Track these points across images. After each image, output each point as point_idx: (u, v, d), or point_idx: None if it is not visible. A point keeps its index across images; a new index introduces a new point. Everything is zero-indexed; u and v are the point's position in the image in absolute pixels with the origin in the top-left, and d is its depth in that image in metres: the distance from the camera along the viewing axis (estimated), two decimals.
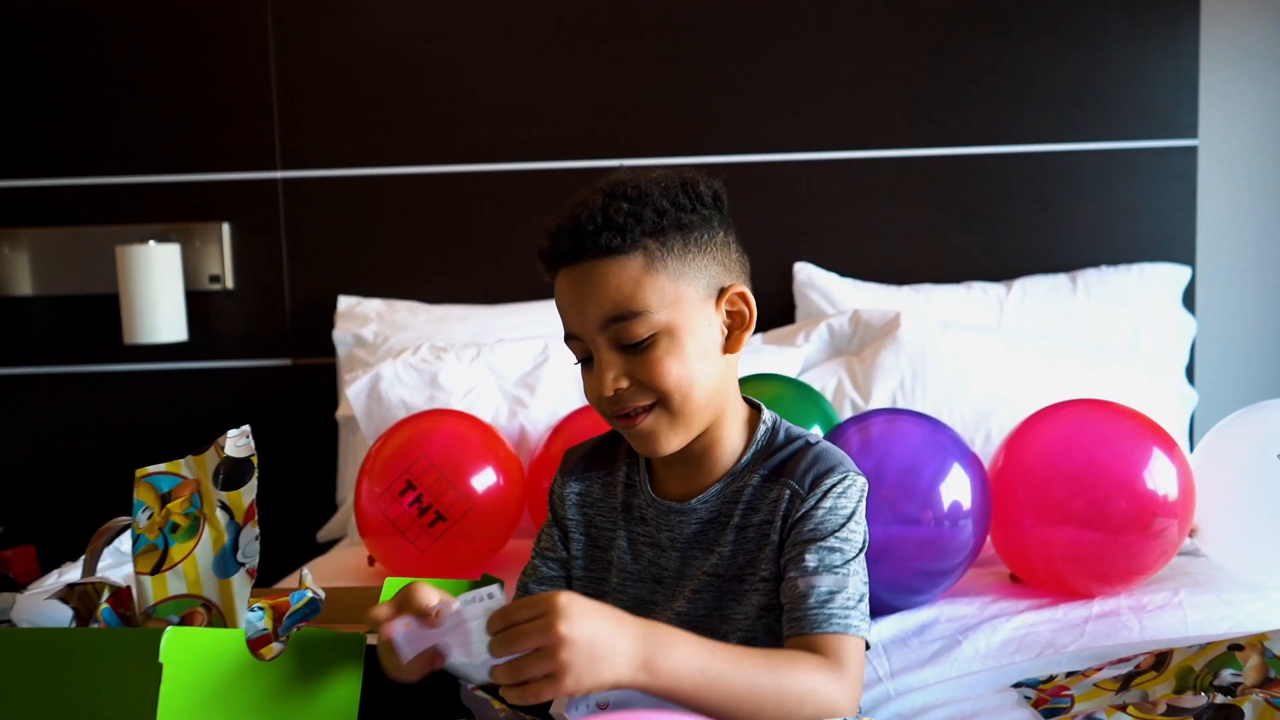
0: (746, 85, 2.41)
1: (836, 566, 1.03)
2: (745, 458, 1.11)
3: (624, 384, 1.04)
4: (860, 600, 1.03)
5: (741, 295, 1.09)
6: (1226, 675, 1.13)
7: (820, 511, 1.05)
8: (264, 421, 2.35)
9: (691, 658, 0.91)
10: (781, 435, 1.13)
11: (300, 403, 2.47)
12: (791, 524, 1.06)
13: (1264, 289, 2.46)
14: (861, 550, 1.06)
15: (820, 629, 1.00)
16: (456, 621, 0.90)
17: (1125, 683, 1.20)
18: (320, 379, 2.47)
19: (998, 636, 1.42)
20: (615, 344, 1.04)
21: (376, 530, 1.66)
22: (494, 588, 0.89)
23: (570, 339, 1.08)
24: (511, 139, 2.44)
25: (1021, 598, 1.56)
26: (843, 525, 1.05)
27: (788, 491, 1.07)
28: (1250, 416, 1.59)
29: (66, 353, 2.50)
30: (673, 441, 1.07)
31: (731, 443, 1.12)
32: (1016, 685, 1.27)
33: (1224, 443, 1.59)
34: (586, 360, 1.08)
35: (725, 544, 1.10)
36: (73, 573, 1.41)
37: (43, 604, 1.11)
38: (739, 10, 2.40)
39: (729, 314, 1.09)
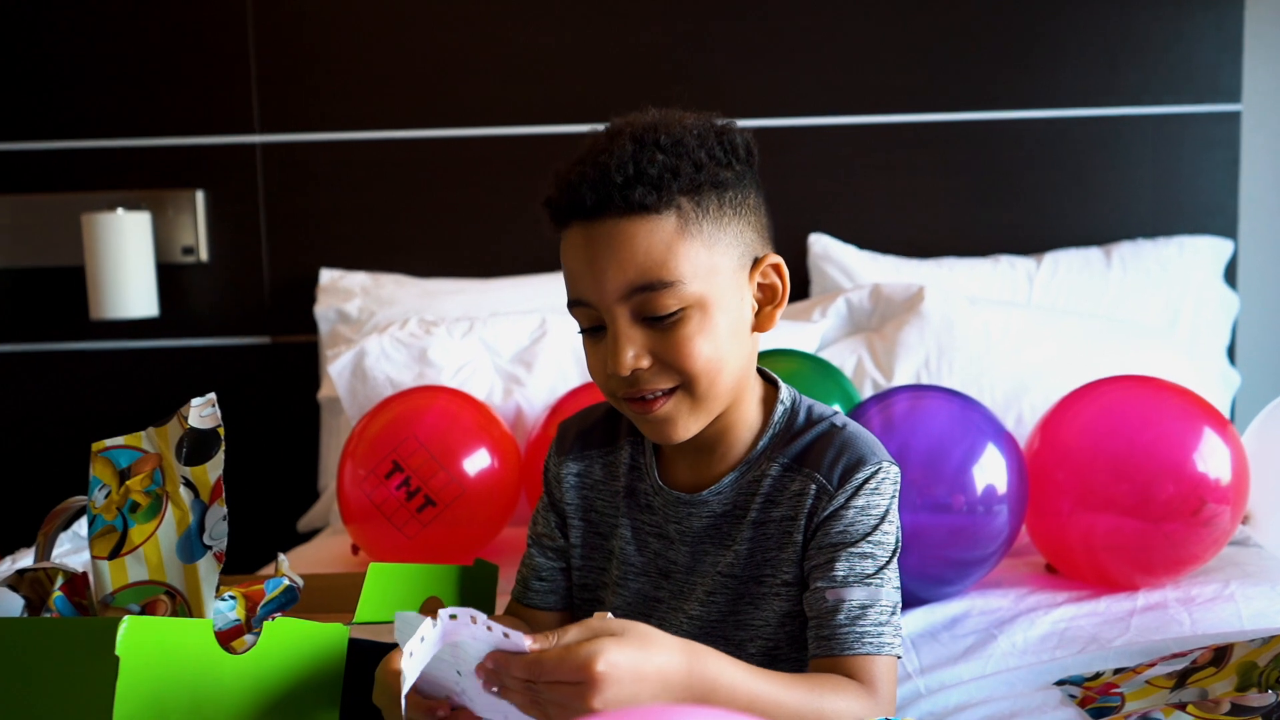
0: (756, 44, 2.34)
1: (869, 576, 0.97)
2: (762, 442, 1.04)
3: (645, 363, 0.96)
4: (893, 612, 0.97)
5: (776, 267, 1.01)
6: None
7: (851, 511, 0.98)
8: (241, 403, 2.29)
9: (737, 698, 0.85)
10: (802, 416, 1.05)
11: (280, 383, 2.41)
12: (818, 524, 0.99)
13: None
14: (895, 553, 1.00)
15: (852, 650, 0.95)
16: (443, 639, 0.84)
17: (1181, 679, 1.14)
18: (301, 358, 2.41)
19: (1036, 631, 1.36)
20: (638, 316, 0.96)
21: (361, 516, 1.60)
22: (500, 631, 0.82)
23: (577, 305, 0.99)
24: (507, 101, 2.37)
25: (1059, 589, 1.50)
26: (875, 527, 0.98)
27: (813, 486, 1.00)
28: None
29: (29, 329, 2.44)
30: (690, 429, 1.00)
31: (748, 425, 1.05)
32: (1059, 683, 1.22)
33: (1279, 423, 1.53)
34: (594, 330, 0.99)
35: (741, 541, 1.03)
36: (27, 558, 1.35)
37: None
38: None
39: (760, 287, 1.01)
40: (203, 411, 1.02)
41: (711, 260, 0.96)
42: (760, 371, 1.09)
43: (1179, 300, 2.19)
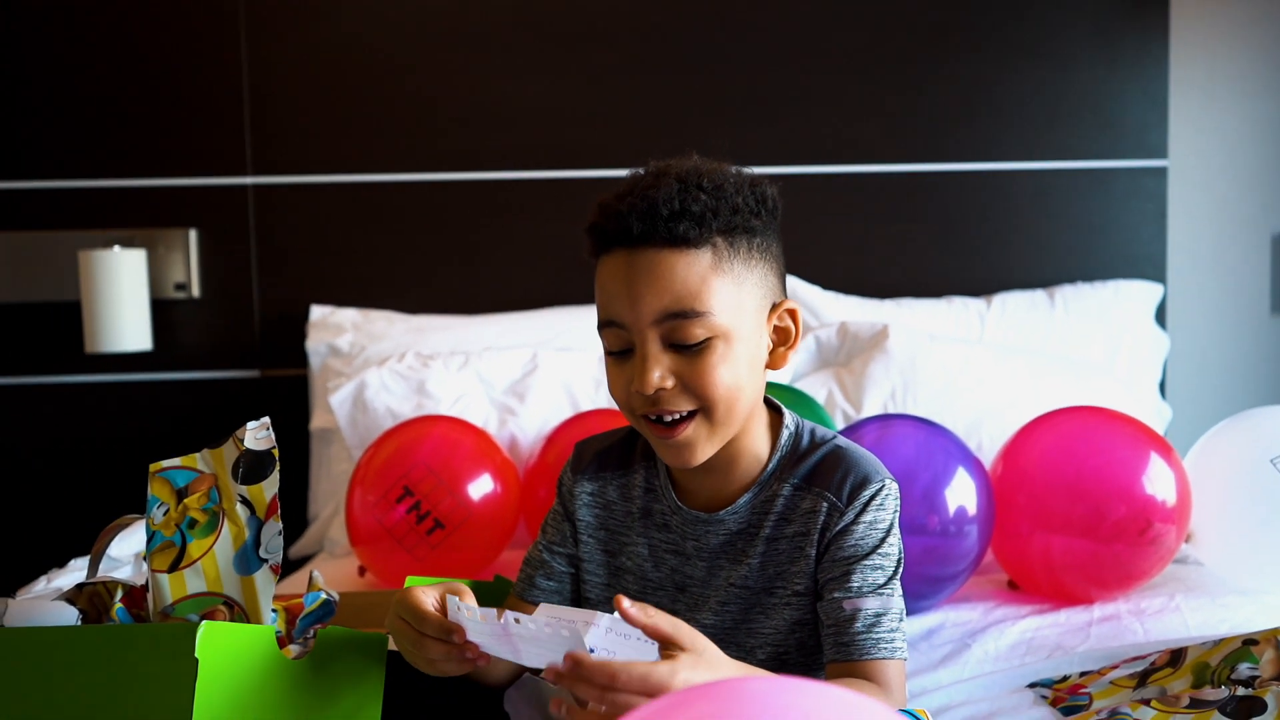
0: (725, 98, 2.45)
1: (880, 586, 1.04)
2: (772, 464, 1.10)
3: (669, 384, 1.02)
4: (901, 618, 1.04)
5: (792, 312, 1.08)
6: (1244, 669, 1.17)
7: (860, 526, 1.05)
8: (229, 435, 2.30)
9: None
10: (806, 439, 1.12)
11: (269, 415, 2.42)
12: (830, 539, 1.05)
13: (1233, 306, 2.55)
14: (899, 564, 1.06)
15: (869, 655, 1.01)
16: (500, 631, 0.88)
17: (1142, 679, 1.24)
18: (290, 391, 2.44)
19: (1005, 640, 1.45)
20: (667, 341, 1.02)
21: (370, 539, 1.64)
22: (591, 615, 0.86)
23: (608, 326, 1.05)
24: (487, 147, 2.44)
25: (1022, 603, 1.59)
26: (883, 540, 1.05)
27: (824, 504, 1.06)
28: (1242, 424, 1.65)
29: (26, 362, 2.43)
30: (707, 452, 1.05)
31: (757, 449, 1.10)
32: (1031, 685, 1.30)
33: (1216, 450, 1.64)
34: (621, 353, 1.05)
35: (754, 555, 1.08)
36: (62, 576, 1.37)
37: (43, 606, 1.08)
38: (718, 22, 2.45)
39: (776, 329, 1.08)
40: (258, 434, 1.07)
41: (738, 297, 1.02)
42: (766, 400, 1.15)
43: (1116, 339, 2.31)
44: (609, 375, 1.08)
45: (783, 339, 1.08)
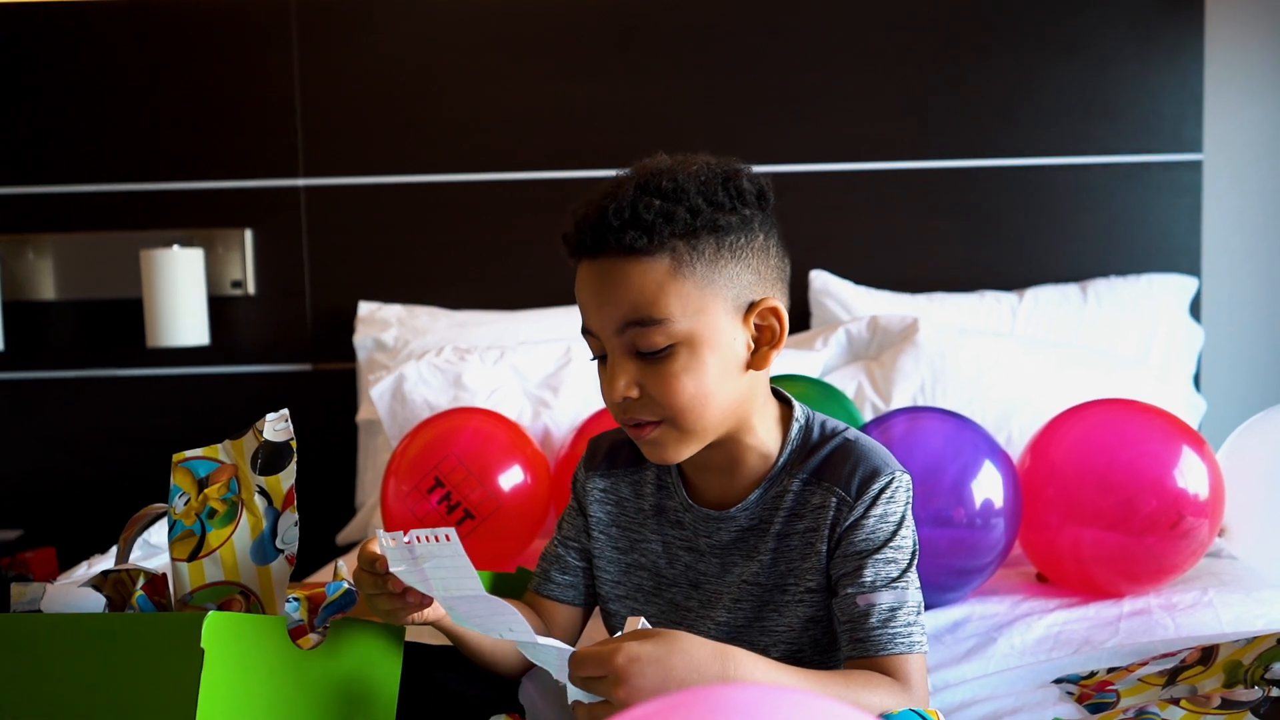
0: (762, 97, 2.38)
1: (894, 579, 0.96)
2: (781, 459, 1.03)
3: (634, 393, 0.96)
4: (919, 611, 0.97)
5: (774, 310, 0.98)
6: (1278, 669, 1.08)
7: (871, 520, 0.98)
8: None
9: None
10: (816, 432, 1.04)
11: (320, 407, 2.41)
12: (841, 534, 0.99)
13: (1269, 299, 2.42)
14: (914, 556, 0.99)
15: (886, 650, 0.94)
16: (409, 555, 0.86)
17: (1172, 677, 1.15)
18: (340, 384, 2.42)
19: (1032, 634, 1.36)
20: (631, 349, 0.95)
21: (403, 528, 1.59)
22: (448, 531, 0.84)
23: (585, 334, 0.99)
24: (530, 148, 2.40)
25: (1051, 597, 1.50)
26: (895, 533, 0.98)
27: (834, 499, 0.99)
28: (1276, 416, 1.54)
29: (91, 356, 2.45)
30: (682, 453, 0.99)
31: (765, 445, 1.03)
32: (1057, 681, 1.22)
33: (1250, 443, 1.55)
34: (601, 358, 0.99)
35: (765, 551, 1.02)
36: (103, 563, 1.35)
37: (75, 593, 1.05)
38: (754, 23, 2.37)
39: (758, 328, 0.98)
40: (276, 426, 1.03)
41: (703, 300, 0.94)
42: (775, 392, 1.07)
43: (1149, 332, 2.21)
44: (598, 378, 1.02)
45: (767, 338, 0.99)
